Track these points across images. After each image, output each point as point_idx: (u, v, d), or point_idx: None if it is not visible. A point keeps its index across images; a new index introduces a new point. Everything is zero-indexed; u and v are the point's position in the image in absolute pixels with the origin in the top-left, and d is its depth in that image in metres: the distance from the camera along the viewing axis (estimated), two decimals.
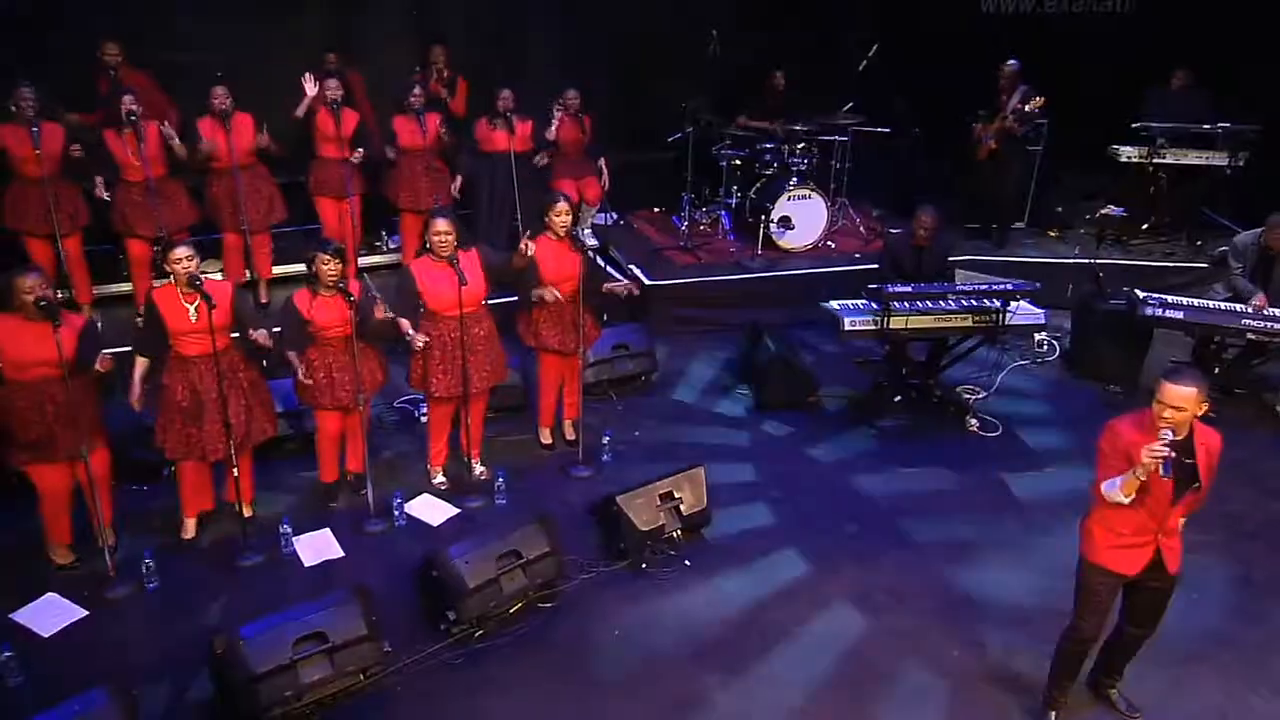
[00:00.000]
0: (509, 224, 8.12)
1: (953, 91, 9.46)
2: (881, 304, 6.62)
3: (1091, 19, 10.68)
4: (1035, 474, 6.64)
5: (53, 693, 4.50)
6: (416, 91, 7.96)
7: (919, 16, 10.23)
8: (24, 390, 5.01)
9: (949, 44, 10.21)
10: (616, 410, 7.29)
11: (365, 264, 8.69)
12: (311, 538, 5.78)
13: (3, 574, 5.45)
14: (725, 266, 8.87)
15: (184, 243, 5.20)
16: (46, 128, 6.90)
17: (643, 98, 9.91)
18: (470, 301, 5.70)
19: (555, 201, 6.06)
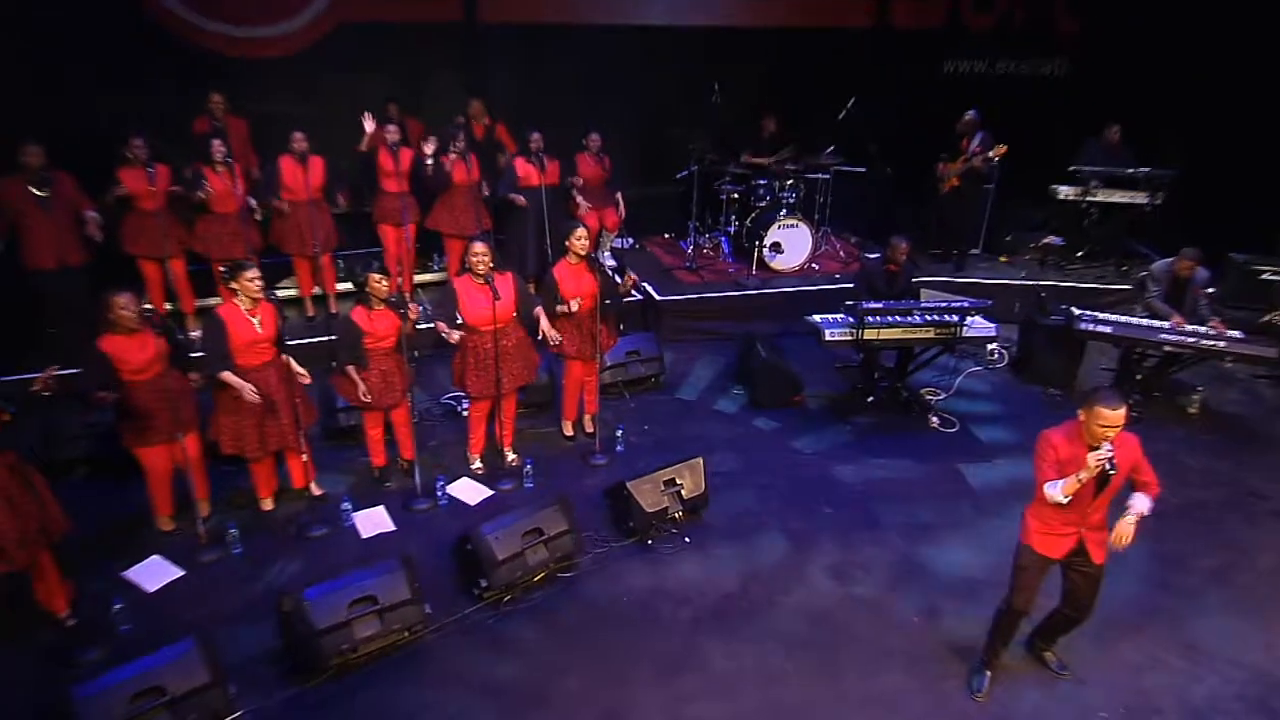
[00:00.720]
0: (540, 246, 8.07)
1: (919, 137, 9.43)
2: (857, 318, 6.53)
3: (1033, 80, 10.95)
4: (986, 465, 6.53)
5: (155, 639, 4.53)
6: (461, 137, 7.93)
7: (891, 74, 10.22)
8: (140, 388, 5.04)
9: (916, 98, 10.23)
10: (629, 407, 7.23)
11: (418, 280, 8.65)
12: (368, 514, 5.76)
13: (118, 538, 5.49)
14: (724, 284, 8.79)
15: (253, 265, 5.17)
16: (158, 169, 6.95)
17: (656, 140, 9.85)
18: (502, 317, 5.67)
19: (575, 229, 6.01)
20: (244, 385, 5.10)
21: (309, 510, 5.71)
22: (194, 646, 4.14)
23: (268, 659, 4.57)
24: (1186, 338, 6.80)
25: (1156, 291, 7.13)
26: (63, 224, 6.67)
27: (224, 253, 7.28)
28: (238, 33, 8.73)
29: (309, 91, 8.80)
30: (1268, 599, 5.21)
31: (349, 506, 5.71)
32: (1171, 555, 5.56)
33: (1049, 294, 8.48)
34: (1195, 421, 7.21)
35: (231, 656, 4.47)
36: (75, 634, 4.73)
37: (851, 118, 9.13)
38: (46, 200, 6.57)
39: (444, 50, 9.25)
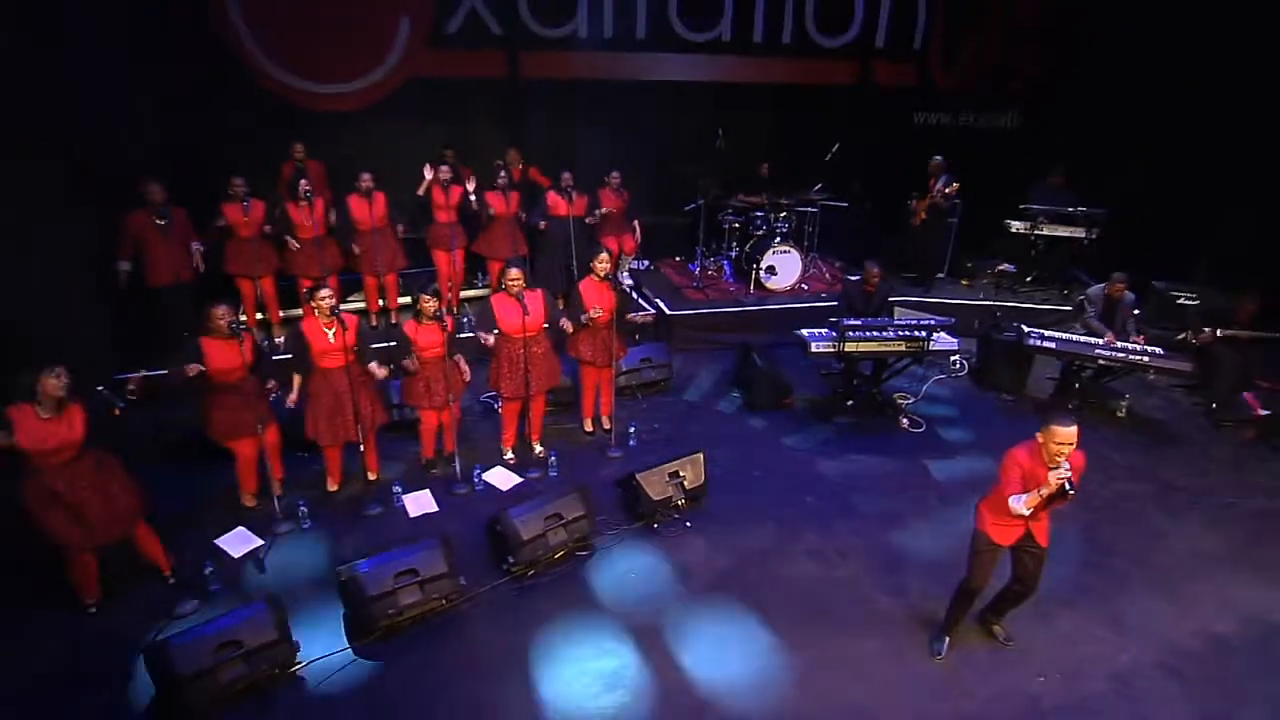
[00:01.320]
0: (567, 266, 8.00)
1: (894, 177, 9.32)
2: (839, 333, 6.40)
3: (991, 130, 10.82)
4: (949, 461, 6.38)
5: (239, 597, 4.72)
6: (503, 176, 7.89)
7: (870, 124, 10.10)
8: (225, 390, 5.04)
9: (892, 144, 10.11)
10: (641, 407, 7.12)
11: (465, 295, 8.59)
12: (415, 496, 5.71)
13: (212, 512, 5.52)
14: (726, 301, 8.66)
15: (326, 285, 5.14)
16: (253, 203, 6.97)
17: (669, 176, 9.74)
18: (531, 328, 5.60)
19: (599, 253, 5.93)
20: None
21: (366, 492, 5.66)
22: (265, 608, 4.16)
23: (330, 618, 4.54)
24: (1117, 353, 6.70)
25: (1092, 312, 7.08)
26: (177, 248, 6.82)
27: (304, 272, 7.33)
28: (321, 89, 8.75)
29: (378, 138, 8.80)
30: (1182, 579, 5.09)
31: (399, 489, 5.66)
32: (1101, 540, 5.43)
33: (1003, 314, 8.32)
34: (1123, 424, 7.03)
35: (301, 618, 4.47)
36: (175, 590, 4.78)
37: (836, 160, 9.00)
38: (166, 228, 6.71)
39: (491, 102, 9.21)
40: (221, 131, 7.81)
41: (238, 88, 8.22)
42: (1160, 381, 7.63)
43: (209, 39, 8.01)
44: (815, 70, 10.20)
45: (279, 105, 8.47)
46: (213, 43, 8.04)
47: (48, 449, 4.19)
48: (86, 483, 4.34)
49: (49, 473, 4.24)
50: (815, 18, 9.91)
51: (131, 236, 6.63)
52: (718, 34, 9.67)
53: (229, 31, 8.15)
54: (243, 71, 8.26)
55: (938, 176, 8.60)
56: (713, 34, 9.66)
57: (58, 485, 4.25)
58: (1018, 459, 3.89)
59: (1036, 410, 7.12)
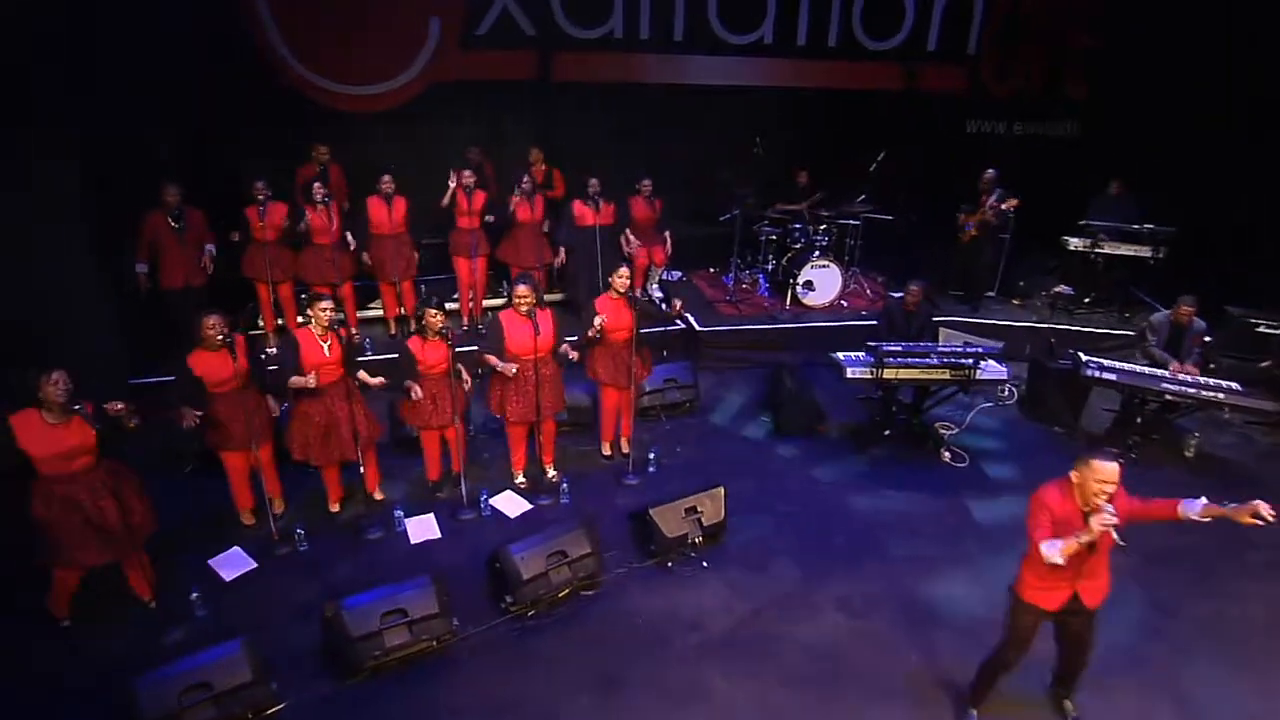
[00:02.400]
0: (592, 278, 7.65)
1: (942, 188, 8.75)
2: (877, 358, 5.93)
3: (1047, 140, 10.16)
4: (992, 501, 5.85)
5: (227, 624, 4.43)
6: (526, 180, 7.58)
7: (918, 132, 9.51)
8: (221, 400, 4.84)
9: (941, 153, 9.53)
10: (665, 429, 6.73)
11: (488, 304, 8.30)
12: (418, 521, 5.43)
13: (210, 527, 5.32)
14: (760, 317, 8.23)
15: (328, 297, 4.88)
16: (271, 207, 6.79)
17: (703, 185, 9.29)
18: (543, 347, 5.28)
19: (618, 268, 5.56)
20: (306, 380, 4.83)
21: (368, 514, 5.40)
22: (240, 647, 3.89)
23: (314, 655, 4.27)
24: (1187, 388, 6.04)
25: (1155, 340, 6.46)
26: (191, 252, 6.69)
27: (320, 278, 7.12)
28: (348, 90, 8.55)
29: (404, 141, 8.58)
30: (1260, 651, 4.49)
31: (400, 513, 5.38)
32: (1164, 602, 4.86)
33: (1057, 339, 7.66)
34: (1191, 465, 6.36)
35: (282, 650, 4.24)
36: (160, 616, 4.57)
37: (881, 169, 8.47)
38: (180, 231, 6.57)
39: (520, 105, 8.91)
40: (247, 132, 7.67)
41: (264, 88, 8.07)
42: (1235, 418, 6.96)
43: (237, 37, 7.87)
44: (861, 74, 9.67)
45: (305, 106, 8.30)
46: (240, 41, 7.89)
47: (60, 454, 4.02)
48: (106, 491, 4.19)
49: (64, 481, 4.09)
50: (863, 19, 9.40)
51: (148, 238, 6.52)
52: (759, 36, 9.22)
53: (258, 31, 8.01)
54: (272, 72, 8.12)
55: (990, 191, 8.03)
56: (754, 36, 9.22)
57: (79, 495, 4.11)
58: (1046, 501, 3.44)
59: (1091, 446, 6.52)
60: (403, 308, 7.78)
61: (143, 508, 4.44)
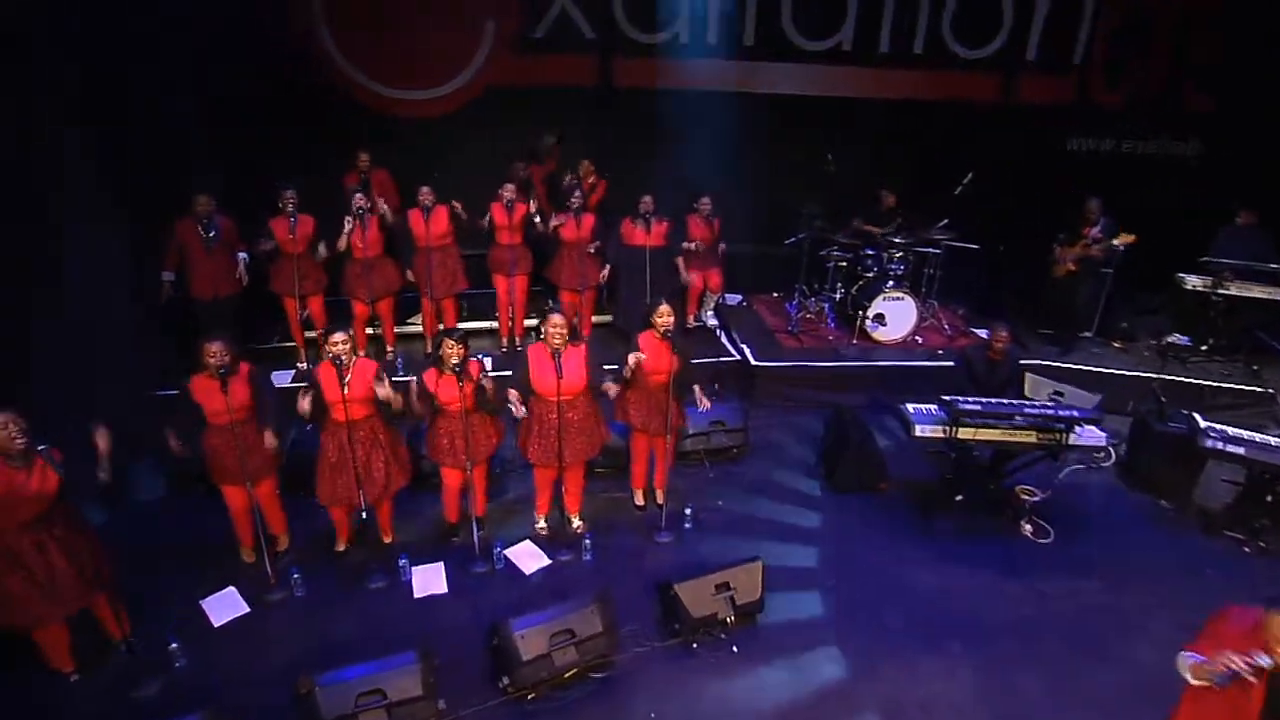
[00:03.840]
0: (641, 304, 7.08)
1: (1036, 213, 7.81)
2: (951, 415, 5.18)
3: (1162, 160, 9.04)
4: (1080, 588, 5.01)
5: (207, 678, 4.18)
6: (576, 195, 7.09)
7: (1011, 150, 8.57)
8: (217, 431, 4.54)
9: (1036, 174, 8.58)
10: (708, 477, 6.11)
11: (530, 324, 7.86)
12: (425, 571, 4.99)
13: (209, 558, 5.02)
14: (823, 352, 7.50)
15: (341, 329, 4.47)
16: (301, 218, 6.50)
17: (769, 201, 8.64)
18: (567, 390, 4.74)
19: (658, 306, 4.98)
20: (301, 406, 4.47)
21: (374, 558, 4.98)
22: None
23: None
24: None
25: None
26: (220, 262, 6.46)
27: (353, 294, 6.84)
28: (399, 95, 8.29)
29: (454, 148, 8.24)
30: None
31: (406, 562, 4.95)
32: None
33: (1167, 395, 6.56)
34: None
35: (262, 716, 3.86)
36: (136, 664, 4.22)
37: (968, 192, 7.60)
38: (210, 240, 6.35)
39: (576, 112, 8.44)
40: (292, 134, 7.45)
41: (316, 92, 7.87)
42: None
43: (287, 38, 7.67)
44: (950, 85, 8.85)
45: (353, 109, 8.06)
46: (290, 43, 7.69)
47: (16, 501, 3.70)
48: (56, 544, 3.86)
49: (11, 532, 3.75)
50: (954, 25, 8.56)
51: (177, 246, 6.32)
52: (836, 42, 8.52)
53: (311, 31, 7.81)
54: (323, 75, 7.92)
55: (1094, 221, 7.10)
56: (831, 42, 8.53)
57: (22, 546, 3.77)
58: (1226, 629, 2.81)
59: (1206, 528, 5.60)
60: (442, 325, 7.40)
61: (96, 561, 4.02)
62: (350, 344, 4.49)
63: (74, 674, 4.22)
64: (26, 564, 3.79)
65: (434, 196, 6.76)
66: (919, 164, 8.43)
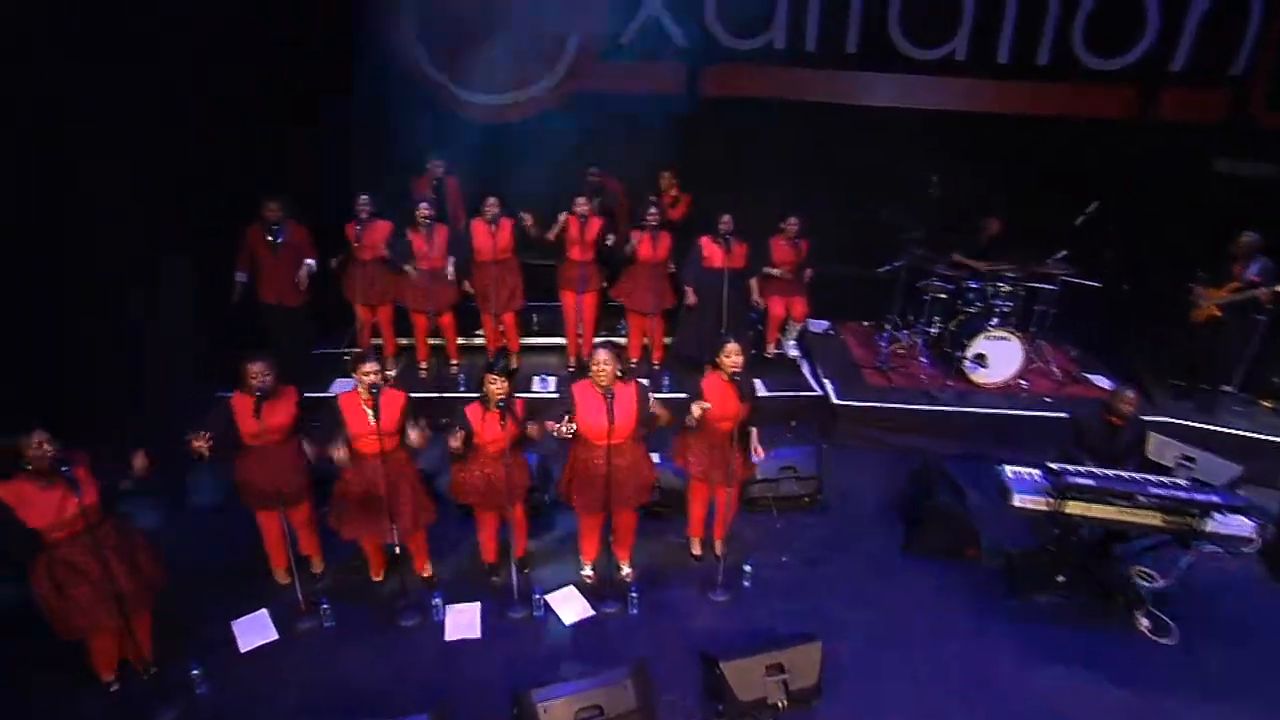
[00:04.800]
0: (715, 331, 6.64)
1: (1172, 248, 6.91)
2: (1058, 486, 4.51)
3: None
4: (1215, 708, 4.23)
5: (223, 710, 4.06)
6: (653, 212, 6.71)
7: (1146, 175, 7.60)
8: (251, 452, 4.39)
9: (1174, 203, 7.58)
10: (774, 528, 5.60)
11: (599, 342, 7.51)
12: (459, 612, 4.72)
13: (246, 577, 4.89)
14: (913, 393, 6.82)
15: (372, 358, 4.24)
16: (373, 225, 6.41)
17: (863, 222, 8.02)
18: (617, 434, 4.35)
19: (726, 345, 4.52)
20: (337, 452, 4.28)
21: (409, 592, 4.75)
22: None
23: None
24: None
25: None
26: (286, 268, 6.40)
27: (419, 305, 6.71)
28: (478, 99, 8.14)
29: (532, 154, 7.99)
30: None
31: (440, 601, 4.69)
32: None
33: None
34: None
35: None
36: (158, 685, 4.13)
37: (1092, 220, 6.76)
38: (277, 246, 6.32)
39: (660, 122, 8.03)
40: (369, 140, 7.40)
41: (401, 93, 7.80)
42: None
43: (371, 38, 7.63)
44: (1077, 98, 7.98)
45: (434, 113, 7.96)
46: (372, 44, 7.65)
47: (63, 520, 3.66)
48: (113, 553, 3.83)
49: (63, 546, 3.73)
50: (1086, 33, 7.70)
51: (248, 250, 6.32)
52: (949, 51, 7.82)
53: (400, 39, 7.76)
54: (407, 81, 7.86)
55: (1245, 260, 6.17)
56: (943, 51, 7.83)
57: (80, 556, 3.74)
58: None
59: None
60: (505, 341, 7.18)
61: (152, 564, 4.06)
62: (381, 374, 4.26)
63: (114, 683, 4.17)
64: (86, 572, 3.77)
65: (500, 208, 6.53)
66: (1035, 187, 7.65)
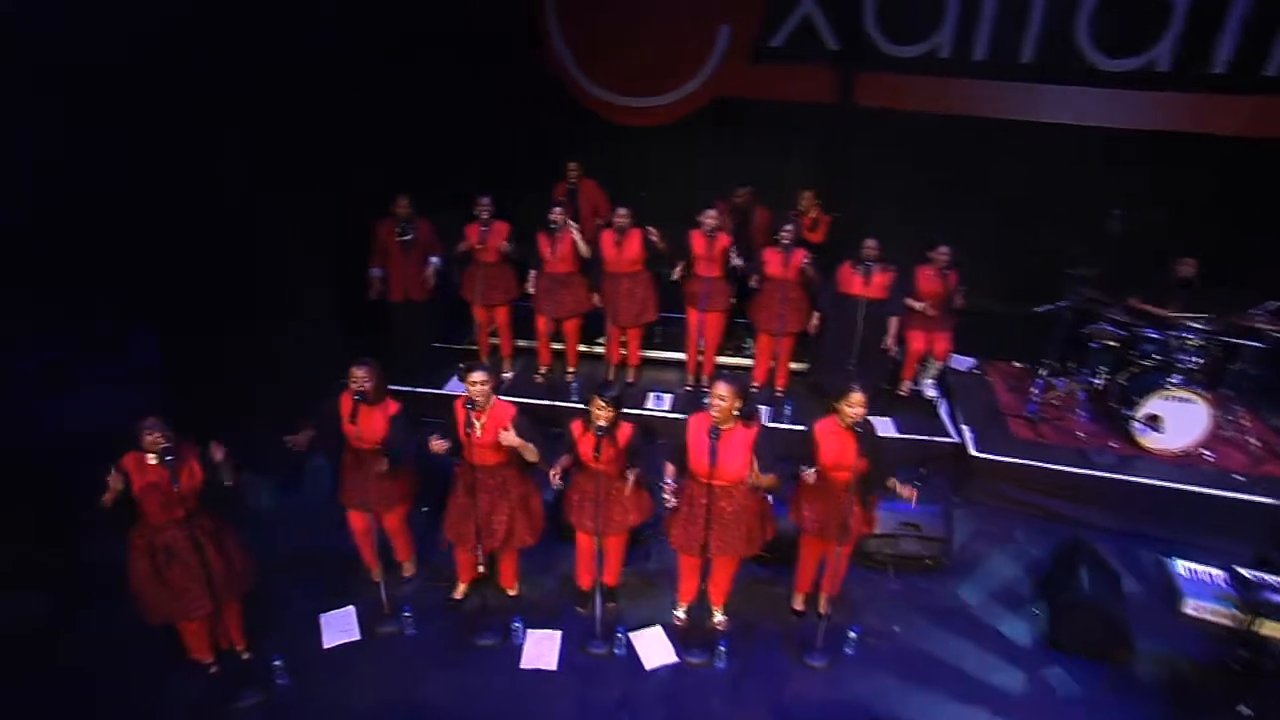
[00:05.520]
0: (844, 364, 6.16)
1: None
2: (1246, 597, 3.76)
3: None
4: None
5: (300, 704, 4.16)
6: (788, 228, 6.29)
7: None
8: (350, 453, 4.48)
9: None
10: (889, 589, 5.08)
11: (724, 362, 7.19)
12: (539, 639, 4.59)
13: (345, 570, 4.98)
14: (1067, 452, 5.99)
15: (480, 369, 4.15)
16: (494, 226, 6.36)
17: (1025, 251, 7.20)
18: (721, 476, 4.02)
19: (849, 392, 4.06)
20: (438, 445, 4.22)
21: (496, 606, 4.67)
22: None
23: None
24: None
25: None
26: (413, 265, 6.54)
27: (540, 311, 6.65)
28: (619, 100, 8.00)
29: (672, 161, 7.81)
30: None
31: (520, 625, 4.55)
32: None
33: None
34: None
35: None
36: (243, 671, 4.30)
37: None
38: (407, 243, 6.44)
39: (807, 133, 7.60)
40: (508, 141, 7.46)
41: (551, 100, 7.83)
42: None
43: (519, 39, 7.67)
44: None
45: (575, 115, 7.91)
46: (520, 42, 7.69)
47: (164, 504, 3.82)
48: (210, 541, 3.99)
49: (163, 531, 3.90)
50: None
51: (380, 246, 6.47)
52: (1149, 60, 6.80)
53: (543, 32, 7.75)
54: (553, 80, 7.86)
55: None
56: (1141, 60, 6.82)
57: (179, 541, 3.90)
58: None
59: None
60: (626, 355, 7.00)
61: (243, 557, 4.18)
62: (490, 385, 4.15)
63: (214, 665, 4.34)
64: (184, 558, 3.92)
65: (630, 219, 6.32)
66: (1242, 226, 6.57)
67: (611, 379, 7.06)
